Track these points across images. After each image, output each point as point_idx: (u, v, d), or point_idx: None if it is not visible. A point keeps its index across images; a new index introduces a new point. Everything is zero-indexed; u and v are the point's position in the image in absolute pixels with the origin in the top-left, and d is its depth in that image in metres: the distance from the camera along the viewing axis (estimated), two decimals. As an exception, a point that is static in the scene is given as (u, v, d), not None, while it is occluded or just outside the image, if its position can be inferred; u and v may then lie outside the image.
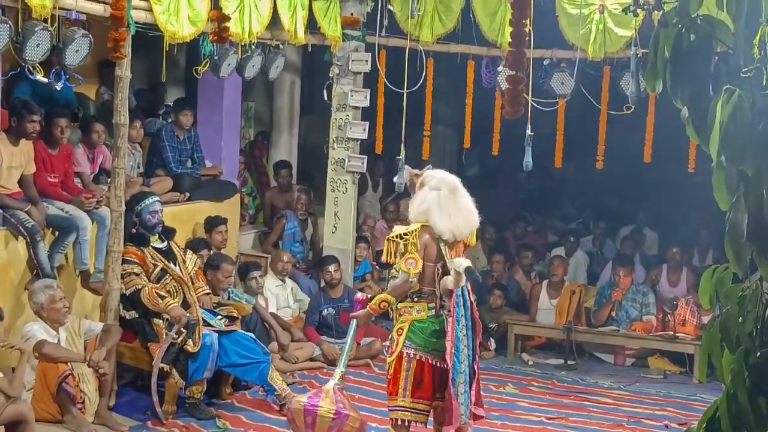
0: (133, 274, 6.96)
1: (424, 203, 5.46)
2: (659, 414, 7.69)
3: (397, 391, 5.44)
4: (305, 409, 5.42)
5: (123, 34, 6.35)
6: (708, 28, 2.54)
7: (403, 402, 5.43)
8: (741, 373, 2.45)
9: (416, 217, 5.49)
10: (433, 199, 5.45)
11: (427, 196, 5.48)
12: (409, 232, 5.39)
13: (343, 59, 9.29)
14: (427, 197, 5.47)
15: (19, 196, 7.01)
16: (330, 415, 5.40)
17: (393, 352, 5.47)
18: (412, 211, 5.53)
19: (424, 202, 5.47)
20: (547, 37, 8.51)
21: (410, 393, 5.42)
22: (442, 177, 5.57)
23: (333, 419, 5.40)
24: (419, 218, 5.47)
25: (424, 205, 5.46)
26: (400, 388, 5.43)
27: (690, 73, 2.55)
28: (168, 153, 8.73)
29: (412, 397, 5.42)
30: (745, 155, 2.41)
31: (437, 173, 5.62)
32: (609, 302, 9.47)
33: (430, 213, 5.44)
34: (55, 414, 6.30)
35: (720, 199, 2.50)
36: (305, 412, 5.40)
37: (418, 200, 5.52)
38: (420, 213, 5.47)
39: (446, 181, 5.54)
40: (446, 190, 5.49)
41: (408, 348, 5.43)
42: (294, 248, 9.71)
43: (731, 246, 2.47)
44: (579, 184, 13.34)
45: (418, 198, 5.54)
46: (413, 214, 5.52)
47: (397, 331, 5.50)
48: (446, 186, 5.50)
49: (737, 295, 2.54)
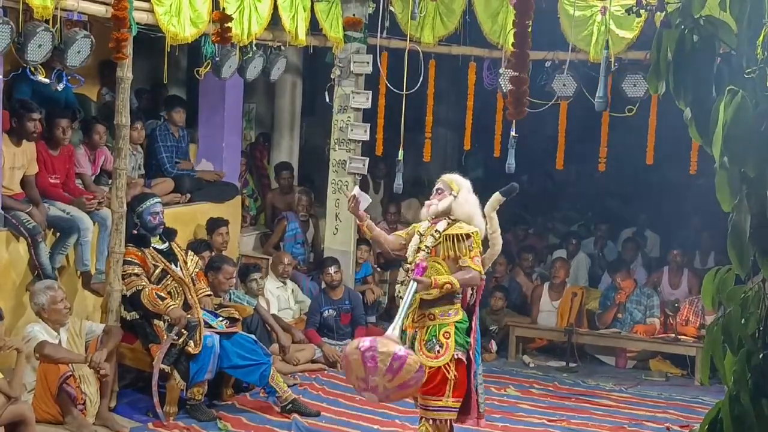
0: (133, 275, 6.95)
1: (474, 206, 5.69)
2: (661, 416, 7.68)
3: (444, 393, 5.50)
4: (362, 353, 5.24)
5: (125, 34, 6.35)
6: (711, 29, 2.54)
7: (446, 402, 5.52)
8: (743, 375, 2.45)
9: (479, 223, 5.67)
10: (475, 202, 5.71)
11: (470, 198, 5.70)
12: (473, 233, 5.57)
13: (344, 61, 9.29)
14: (469, 199, 5.69)
15: (21, 197, 7.02)
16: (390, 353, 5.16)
17: (442, 355, 5.51)
18: (466, 214, 5.65)
19: (473, 205, 5.69)
20: (549, 38, 8.51)
21: (452, 392, 5.52)
22: (466, 181, 5.80)
23: (392, 358, 5.25)
24: (481, 225, 5.68)
25: (474, 208, 5.68)
26: (448, 389, 5.50)
27: (693, 74, 2.55)
28: (163, 154, 8.74)
29: (453, 397, 5.53)
30: (747, 156, 2.41)
31: (460, 177, 5.81)
32: (613, 305, 9.46)
33: (475, 217, 5.68)
34: (56, 415, 6.30)
35: (723, 200, 2.50)
36: (362, 355, 5.22)
37: (472, 204, 5.70)
38: (470, 216, 5.66)
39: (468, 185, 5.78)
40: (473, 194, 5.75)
41: (456, 351, 5.53)
42: (295, 250, 9.70)
43: (734, 247, 2.47)
44: (580, 186, 13.34)
45: (470, 201, 5.70)
46: (468, 216, 5.65)
47: (443, 334, 5.54)
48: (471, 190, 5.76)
49: (740, 296, 2.54)
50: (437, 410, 5.52)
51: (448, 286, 5.46)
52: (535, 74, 8.49)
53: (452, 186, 5.74)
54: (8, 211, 6.82)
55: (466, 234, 5.56)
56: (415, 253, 5.68)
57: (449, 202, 5.68)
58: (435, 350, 5.52)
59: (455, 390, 5.52)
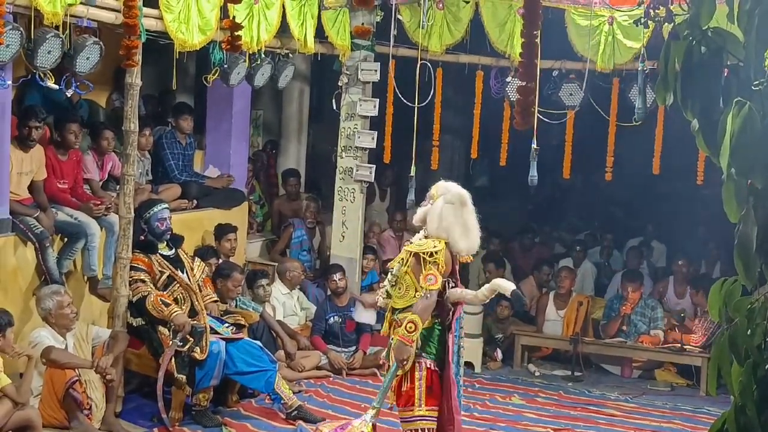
0: (139, 282, 6.95)
1: (445, 219, 5.39)
2: (666, 426, 7.67)
3: (413, 402, 5.43)
4: None
5: (135, 42, 6.39)
6: (719, 40, 2.55)
7: (420, 411, 5.43)
8: (749, 386, 2.45)
9: (437, 233, 5.40)
10: (449, 214, 5.40)
11: (444, 210, 5.40)
12: (437, 251, 5.31)
13: (352, 68, 9.31)
14: (444, 212, 5.40)
15: (29, 202, 7.04)
16: None
17: None
18: (432, 226, 5.42)
19: (443, 218, 5.40)
20: (556, 48, 8.52)
21: (425, 401, 5.43)
22: (456, 191, 5.50)
23: None
24: (440, 234, 5.39)
25: (445, 222, 5.39)
26: (416, 398, 5.42)
27: (700, 86, 2.56)
28: (170, 161, 8.76)
29: (426, 405, 5.43)
30: (755, 168, 2.41)
31: (451, 186, 5.54)
32: (618, 317, 9.43)
33: (450, 230, 5.38)
34: (62, 420, 6.31)
35: (730, 211, 2.50)
36: None
37: (436, 214, 5.42)
38: (442, 229, 5.39)
39: (460, 195, 5.49)
40: (459, 204, 5.45)
41: (419, 358, 5.42)
42: (301, 257, 9.71)
43: (740, 258, 2.47)
44: (587, 195, 13.33)
45: (435, 211, 5.43)
46: (433, 229, 5.42)
47: None
48: (459, 200, 5.46)
49: (746, 307, 2.54)
50: (413, 420, 5.45)
51: (411, 325, 5.26)
52: (543, 83, 8.51)
53: (432, 193, 5.55)
54: (16, 216, 6.83)
55: (430, 253, 5.32)
56: None
57: (423, 211, 5.53)
58: None
59: (428, 398, 5.42)
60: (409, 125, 9.01)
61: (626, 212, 13.24)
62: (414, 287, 5.39)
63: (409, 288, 5.43)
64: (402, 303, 5.46)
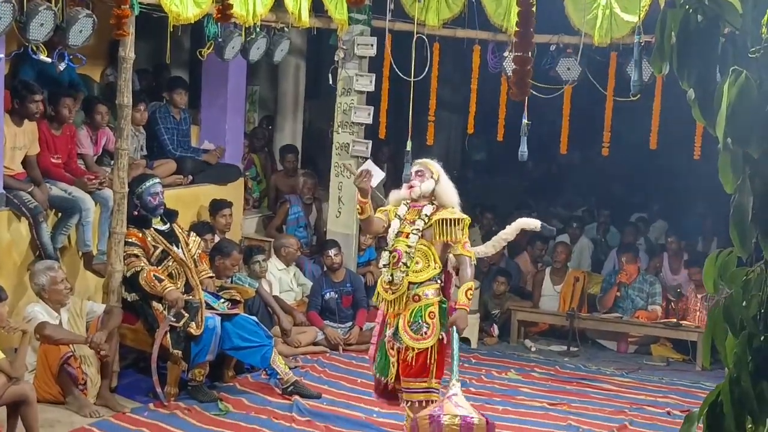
0: (133, 257, 6.94)
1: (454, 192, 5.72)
2: (662, 401, 7.67)
3: (428, 374, 5.48)
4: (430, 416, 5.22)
5: (126, 11, 6.31)
6: (715, 8, 2.51)
7: (430, 383, 5.52)
8: (744, 357, 2.43)
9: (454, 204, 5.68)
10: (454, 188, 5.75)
11: (449, 183, 5.74)
12: (463, 219, 5.58)
13: (348, 43, 9.24)
14: (450, 185, 5.73)
15: (23, 177, 7.01)
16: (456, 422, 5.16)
17: (429, 336, 5.47)
18: (452, 199, 5.69)
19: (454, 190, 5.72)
20: (553, 22, 8.46)
21: (435, 374, 5.52)
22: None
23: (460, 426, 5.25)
24: (456, 207, 5.67)
25: (455, 194, 5.71)
26: (434, 370, 5.49)
27: (697, 55, 2.52)
28: (164, 136, 8.72)
29: (435, 378, 5.52)
30: (751, 137, 2.38)
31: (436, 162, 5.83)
32: (613, 287, 9.45)
33: (456, 203, 5.70)
34: (57, 395, 6.32)
35: (725, 181, 2.47)
36: (430, 419, 5.21)
37: (451, 187, 5.72)
38: (453, 201, 5.68)
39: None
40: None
41: (441, 331, 5.51)
42: (298, 233, 9.69)
43: (736, 228, 2.45)
44: (584, 171, 13.30)
45: (449, 185, 5.72)
46: (451, 201, 5.68)
47: (429, 314, 5.50)
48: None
49: (742, 278, 2.52)
50: (421, 392, 5.49)
51: (470, 292, 5.49)
52: (540, 58, 8.45)
53: (431, 169, 5.72)
54: (10, 191, 6.81)
55: (458, 219, 5.55)
56: (395, 237, 5.64)
57: (432, 185, 5.67)
58: (422, 332, 5.48)
59: (438, 371, 5.51)
60: (406, 100, 8.95)
61: (623, 188, 13.22)
62: (434, 259, 5.55)
63: (430, 260, 5.56)
64: (423, 276, 5.54)
